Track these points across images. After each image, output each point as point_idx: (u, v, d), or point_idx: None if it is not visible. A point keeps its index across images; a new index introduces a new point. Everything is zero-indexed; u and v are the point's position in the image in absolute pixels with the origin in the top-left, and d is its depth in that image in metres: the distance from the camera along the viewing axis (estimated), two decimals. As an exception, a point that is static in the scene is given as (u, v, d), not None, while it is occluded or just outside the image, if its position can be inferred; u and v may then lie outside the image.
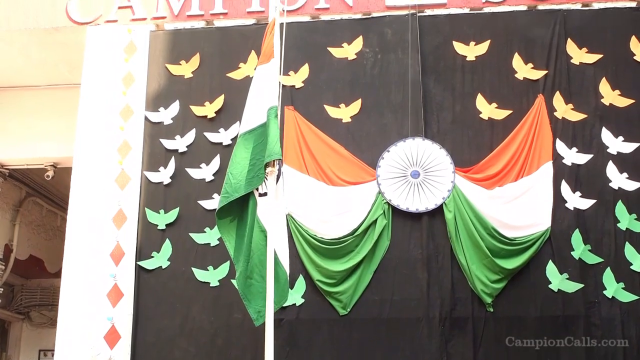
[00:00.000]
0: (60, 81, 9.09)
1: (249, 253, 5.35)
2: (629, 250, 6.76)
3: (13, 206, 11.36)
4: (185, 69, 7.70)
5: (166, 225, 7.26)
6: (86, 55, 7.92)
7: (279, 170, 5.46)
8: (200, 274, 7.07)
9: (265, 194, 5.44)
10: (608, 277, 6.70)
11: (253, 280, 5.37)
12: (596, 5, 7.50)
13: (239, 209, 5.54)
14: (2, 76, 9.15)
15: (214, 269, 7.06)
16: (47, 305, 12.19)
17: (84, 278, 7.21)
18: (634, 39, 7.26)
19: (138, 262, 7.18)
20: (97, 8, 8.06)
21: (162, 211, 7.29)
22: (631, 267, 6.72)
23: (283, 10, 6.11)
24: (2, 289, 10.77)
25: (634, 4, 7.45)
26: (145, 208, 7.32)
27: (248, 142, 5.55)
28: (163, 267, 7.16)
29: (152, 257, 7.18)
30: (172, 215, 7.27)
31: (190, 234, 7.19)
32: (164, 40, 7.89)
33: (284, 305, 6.07)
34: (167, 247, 7.19)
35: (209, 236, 7.12)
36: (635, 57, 7.23)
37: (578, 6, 7.51)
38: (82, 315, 7.11)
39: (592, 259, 6.76)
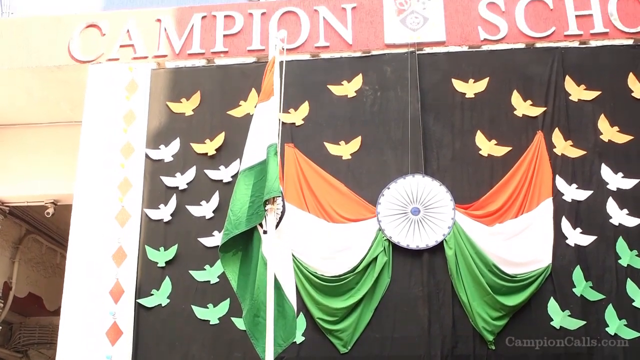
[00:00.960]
0: (61, 119, 9.13)
1: (255, 291, 5.33)
2: (630, 286, 6.73)
3: (13, 243, 11.34)
4: (186, 107, 7.75)
5: (166, 262, 7.23)
6: (88, 93, 7.98)
7: (283, 207, 5.47)
8: (200, 312, 7.02)
9: (265, 232, 5.43)
10: (610, 314, 6.66)
11: (260, 318, 5.33)
12: (594, 43, 7.59)
13: (243, 246, 5.54)
14: (4, 114, 9.19)
15: (214, 306, 7.02)
16: (45, 343, 12.08)
17: (83, 316, 7.16)
18: (631, 75, 7.33)
19: (137, 300, 7.13)
20: (99, 46, 8.13)
21: (162, 248, 7.27)
22: (633, 303, 6.69)
23: (283, 49, 6.15)
24: (0, 327, 10.69)
25: (630, 42, 7.54)
26: (145, 245, 7.31)
27: (248, 179, 5.55)
28: (163, 305, 7.11)
29: (152, 294, 7.15)
30: (172, 252, 7.25)
31: (190, 272, 7.16)
32: (165, 78, 7.95)
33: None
34: (166, 285, 7.15)
35: (209, 274, 7.10)
36: (633, 94, 7.29)
37: (576, 44, 7.59)
38: (81, 354, 7.04)
39: (594, 296, 6.73)
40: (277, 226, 5.40)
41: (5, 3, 8.95)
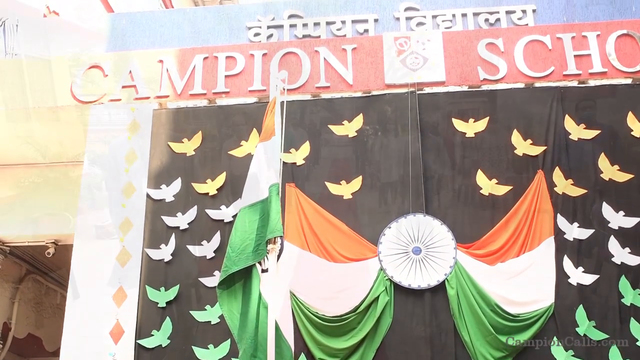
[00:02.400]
0: (63, 159, 9.16)
1: (252, 330, 5.30)
2: (634, 325, 6.69)
3: (13, 284, 11.29)
4: (188, 147, 7.78)
5: (166, 302, 7.20)
6: (89, 133, 8.00)
7: (281, 244, 5.48)
8: (200, 353, 6.97)
9: (266, 270, 5.43)
10: (614, 353, 6.61)
11: (257, 358, 5.31)
12: (592, 82, 7.63)
13: (241, 283, 5.52)
14: (5, 154, 9.21)
15: (215, 347, 6.96)
16: (44, 385, 12.00)
17: (82, 357, 7.10)
18: (630, 114, 7.36)
19: (138, 341, 7.08)
20: (101, 87, 8.17)
21: (162, 289, 7.24)
22: (637, 343, 6.63)
23: (284, 89, 6.21)
24: (-1, 369, 10.63)
25: (629, 81, 7.58)
26: (146, 285, 7.27)
27: (248, 216, 5.57)
28: (163, 346, 7.06)
29: (152, 335, 7.10)
30: (173, 292, 7.22)
31: (191, 312, 7.12)
32: (166, 118, 7.99)
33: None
34: (167, 325, 7.11)
35: (210, 314, 7.05)
36: (632, 133, 7.30)
37: (574, 83, 7.64)
38: (80, 396, 6.99)
39: (598, 335, 6.68)
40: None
41: (9, 44, 9.00)
